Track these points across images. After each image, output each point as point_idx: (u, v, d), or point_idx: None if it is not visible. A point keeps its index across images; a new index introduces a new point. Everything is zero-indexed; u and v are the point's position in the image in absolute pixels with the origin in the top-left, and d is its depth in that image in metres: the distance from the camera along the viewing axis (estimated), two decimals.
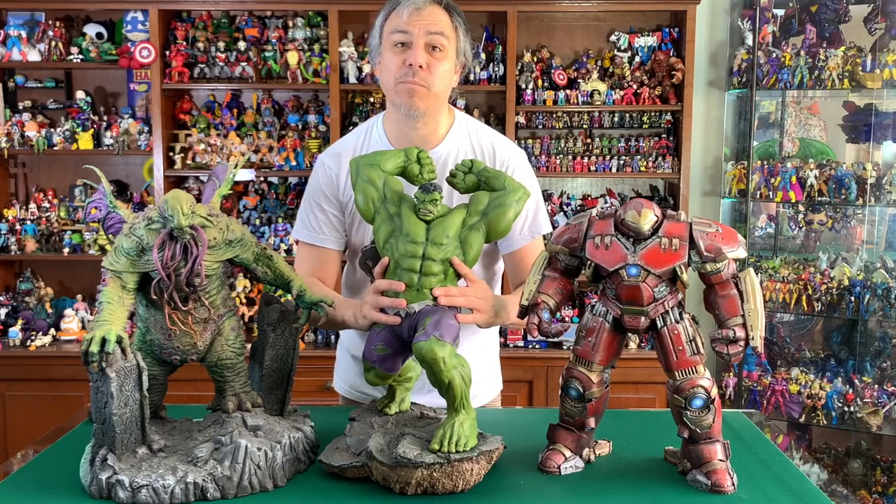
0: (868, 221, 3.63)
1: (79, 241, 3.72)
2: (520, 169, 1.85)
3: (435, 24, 1.73)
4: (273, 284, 1.48)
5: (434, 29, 1.73)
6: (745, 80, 3.63)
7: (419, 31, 1.72)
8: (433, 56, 1.73)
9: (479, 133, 1.88)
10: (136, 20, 3.65)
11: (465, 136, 1.86)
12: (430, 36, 1.72)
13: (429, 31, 1.72)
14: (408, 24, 1.72)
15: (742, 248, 1.37)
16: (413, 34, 1.72)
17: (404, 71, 1.73)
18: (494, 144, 1.87)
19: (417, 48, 1.71)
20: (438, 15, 1.74)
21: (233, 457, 1.30)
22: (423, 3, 1.73)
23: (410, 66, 1.71)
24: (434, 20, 1.73)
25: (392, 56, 1.75)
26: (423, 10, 1.73)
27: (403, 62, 1.72)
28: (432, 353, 1.29)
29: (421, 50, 1.72)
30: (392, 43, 1.75)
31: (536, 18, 3.82)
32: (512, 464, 1.43)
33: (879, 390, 3.43)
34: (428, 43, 1.73)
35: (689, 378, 1.36)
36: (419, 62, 1.71)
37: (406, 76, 1.72)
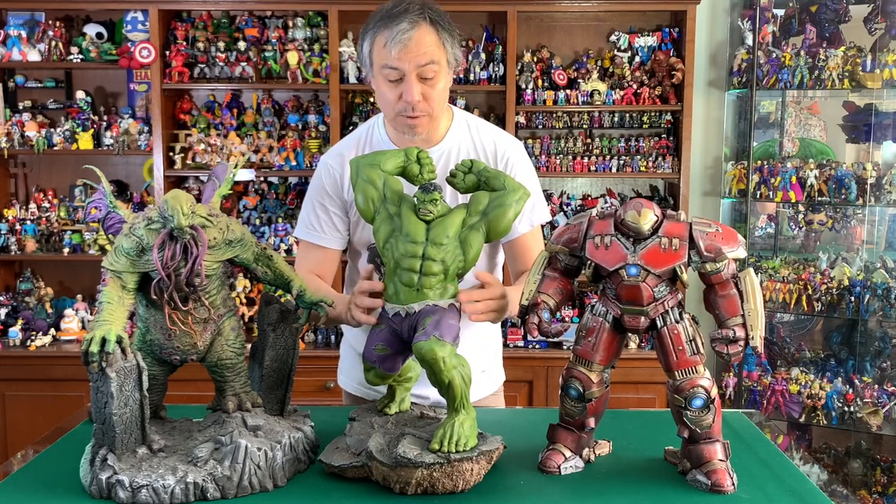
0: (868, 221, 3.63)
1: (79, 241, 3.72)
2: (520, 161, 1.88)
3: (423, 55, 1.69)
4: (273, 284, 1.48)
5: (423, 60, 1.69)
6: (745, 80, 3.63)
7: (410, 66, 1.69)
8: (427, 84, 1.72)
9: (478, 129, 1.90)
10: (136, 20, 3.65)
11: (466, 132, 1.89)
12: (421, 68, 1.70)
13: (419, 65, 1.69)
14: (397, 62, 1.69)
15: (742, 248, 1.37)
16: (404, 70, 1.69)
17: (402, 106, 1.72)
18: (494, 138, 1.89)
19: (411, 84, 1.69)
20: (424, 40, 1.69)
21: (233, 457, 1.30)
22: (409, 33, 1.67)
23: (408, 103, 1.71)
24: (422, 50, 1.69)
25: (386, 89, 1.73)
26: (410, 42, 1.68)
27: (399, 97, 1.72)
28: (432, 353, 1.29)
29: (415, 85, 1.70)
30: (384, 77, 1.73)
31: (536, 18, 3.82)
32: (512, 464, 1.43)
33: (879, 390, 3.43)
34: (419, 74, 1.70)
35: (689, 378, 1.36)
36: (416, 98, 1.70)
37: (405, 111, 1.73)
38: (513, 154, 1.88)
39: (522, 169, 1.87)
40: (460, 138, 1.87)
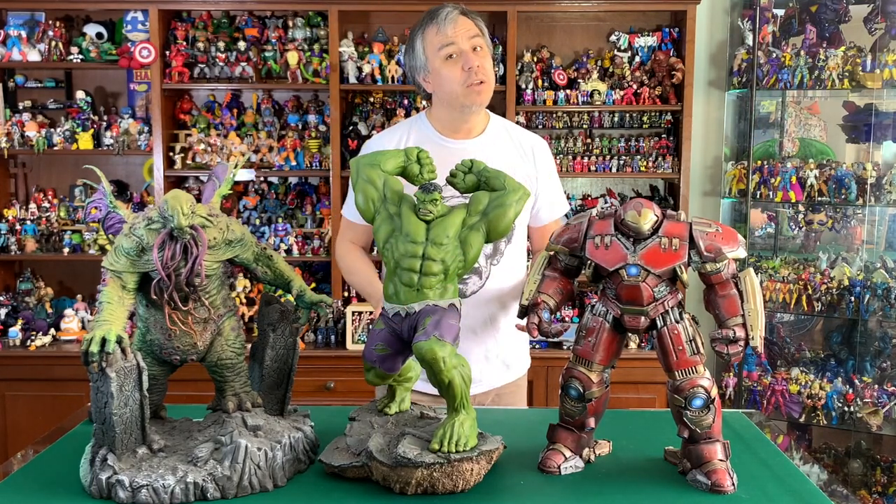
0: (868, 221, 3.63)
1: (79, 241, 3.72)
2: (547, 156, 2.16)
3: (472, 29, 2.01)
4: (273, 284, 1.48)
5: (473, 33, 2.01)
6: (745, 80, 3.63)
7: (463, 38, 1.98)
8: (479, 55, 2.00)
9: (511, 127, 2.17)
10: (136, 20, 3.64)
11: (502, 128, 2.13)
12: (472, 39, 1.99)
13: (470, 36, 1.99)
14: (452, 37, 1.97)
15: (742, 248, 1.37)
16: (459, 44, 1.98)
17: (466, 75, 1.97)
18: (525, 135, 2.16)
19: (468, 53, 1.98)
20: (468, 21, 2.02)
21: (233, 457, 1.30)
22: (456, 14, 1.99)
23: (471, 69, 1.96)
24: (469, 27, 2.01)
25: (448, 67, 1.99)
26: (458, 20, 1.99)
27: (462, 68, 1.97)
28: (432, 353, 1.29)
29: (471, 53, 1.98)
30: (443, 57, 1.99)
31: (536, 18, 3.82)
32: (512, 464, 1.43)
33: (879, 390, 3.43)
34: (472, 46, 1.99)
35: (689, 378, 1.36)
36: (475, 63, 1.97)
37: (470, 79, 1.97)
38: (542, 149, 2.14)
39: (549, 163, 2.15)
40: (498, 132, 2.11)
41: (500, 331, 2.08)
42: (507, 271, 2.06)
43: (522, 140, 2.13)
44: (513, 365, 2.16)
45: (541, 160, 2.12)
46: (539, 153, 2.13)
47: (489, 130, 2.11)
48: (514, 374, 2.17)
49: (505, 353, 2.12)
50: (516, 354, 2.17)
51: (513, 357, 2.15)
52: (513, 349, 2.14)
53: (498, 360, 2.11)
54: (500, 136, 2.11)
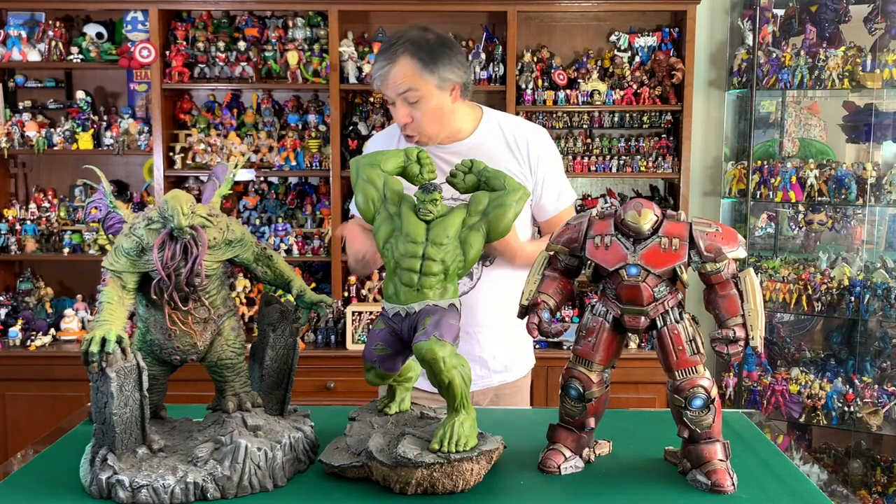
0: (868, 221, 3.63)
1: (79, 241, 3.72)
2: (545, 149, 2.07)
3: (400, 84, 1.91)
4: (273, 284, 1.48)
5: (401, 89, 1.91)
6: (745, 80, 3.63)
7: (391, 94, 1.94)
8: (413, 107, 1.93)
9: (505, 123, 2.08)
10: (136, 20, 3.64)
11: (495, 127, 2.06)
12: (402, 95, 1.92)
13: (398, 93, 1.92)
14: (383, 89, 1.95)
15: (742, 248, 1.37)
16: (390, 96, 1.95)
17: (400, 126, 1.99)
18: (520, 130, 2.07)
19: (398, 108, 1.94)
20: (399, 73, 1.90)
21: (233, 457, 1.30)
22: (385, 69, 1.91)
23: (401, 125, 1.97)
24: (398, 81, 1.91)
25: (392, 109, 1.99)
26: (387, 75, 1.91)
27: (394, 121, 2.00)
28: (432, 353, 1.29)
29: (401, 108, 1.94)
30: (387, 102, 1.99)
31: (536, 18, 3.82)
32: (512, 464, 1.43)
33: (879, 390, 3.43)
34: (403, 99, 1.93)
35: (689, 378, 1.36)
36: (403, 120, 1.95)
37: (403, 131, 1.99)
38: (536, 140, 2.05)
39: (547, 152, 2.07)
40: (491, 132, 2.05)
41: (492, 332, 2.06)
42: (500, 274, 2.03)
43: (516, 134, 2.05)
44: (510, 366, 2.14)
45: (535, 152, 2.04)
46: (533, 145, 2.04)
47: (479, 130, 2.06)
48: (513, 376, 2.15)
49: (500, 354, 2.10)
50: (514, 356, 2.14)
51: (509, 359, 2.13)
52: (508, 351, 2.12)
53: (495, 362, 2.09)
54: (490, 135, 2.05)
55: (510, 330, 2.08)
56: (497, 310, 2.04)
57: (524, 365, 2.20)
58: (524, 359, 2.21)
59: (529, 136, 2.05)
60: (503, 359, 2.11)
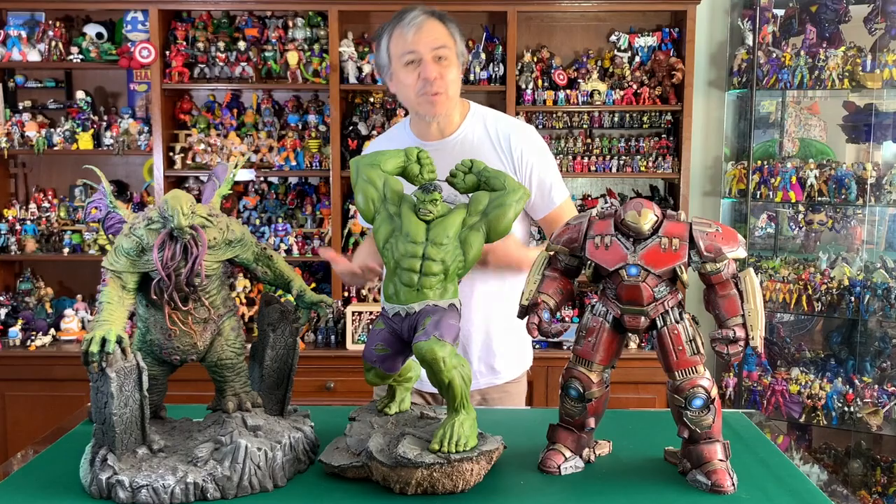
0: (868, 221, 3.63)
1: (79, 241, 3.72)
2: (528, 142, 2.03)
3: (436, 39, 1.94)
4: (273, 284, 1.48)
5: (437, 44, 1.93)
6: (745, 80, 3.63)
7: (424, 47, 1.92)
8: (441, 66, 1.94)
9: (492, 119, 2.07)
10: (136, 20, 3.64)
11: (480, 123, 2.06)
12: (435, 50, 1.93)
13: (433, 47, 1.93)
14: (413, 44, 1.92)
15: (742, 248, 1.37)
16: (420, 52, 1.92)
17: (421, 84, 1.94)
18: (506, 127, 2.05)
19: (427, 63, 1.92)
20: (437, 28, 1.95)
21: (233, 457, 1.30)
22: (422, 20, 1.93)
23: (426, 80, 1.92)
24: (434, 35, 1.94)
25: (406, 73, 1.95)
26: (423, 27, 1.93)
27: (418, 77, 1.94)
28: (432, 353, 1.29)
29: (430, 64, 1.92)
30: (403, 62, 1.95)
31: (536, 18, 3.82)
32: (512, 464, 1.43)
33: (879, 390, 3.43)
34: (434, 56, 1.93)
35: (689, 378, 1.36)
36: (432, 75, 1.92)
37: (424, 88, 1.94)
38: (520, 137, 2.03)
39: (533, 152, 2.03)
40: (474, 128, 2.05)
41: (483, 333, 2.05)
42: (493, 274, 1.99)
43: (499, 129, 2.03)
44: (501, 369, 2.11)
45: (519, 148, 2.01)
46: (516, 142, 2.01)
47: (463, 127, 2.04)
48: (502, 379, 2.12)
49: (488, 355, 2.07)
50: (506, 359, 2.11)
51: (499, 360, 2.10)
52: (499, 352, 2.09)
53: (481, 363, 2.07)
54: (473, 132, 2.04)
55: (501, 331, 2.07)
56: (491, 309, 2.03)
57: (515, 367, 2.16)
58: (516, 361, 2.16)
59: (513, 132, 2.03)
60: (492, 359, 2.08)
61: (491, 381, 2.10)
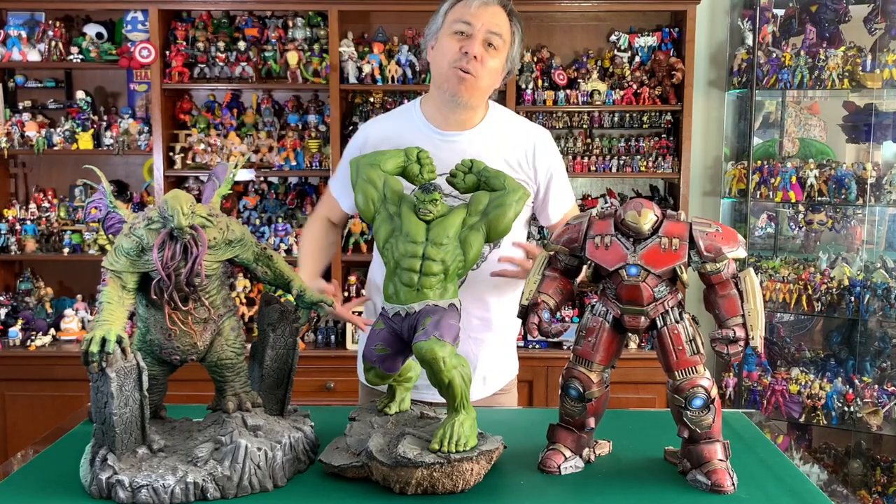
0: (868, 221, 3.63)
1: (79, 241, 3.72)
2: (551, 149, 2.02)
3: (496, 24, 1.86)
4: (273, 284, 1.48)
5: (494, 28, 1.86)
6: (745, 80, 3.63)
7: (481, 25, 1.84)
8: (487, 51, 1.86)
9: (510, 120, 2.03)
10: (136, 20, 3.64)
11: (501, 121, 1.99)
12: (490, 33, 1.85)
13: (489, 29, 1.85)
14: (472, 17, 1.85)
15: (742, 248, 1.37)
16: (475, 26, 1.84)
17: (459, 56, 1.85)
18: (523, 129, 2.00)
19: (476, 40, 1.84)
20: (501, 15, 1.88)
21: (233, 457, 1.30)
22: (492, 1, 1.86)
23: (466, 54, 1.83)
24: (496, 20, 1.86)
25: (450, 42, 1.87)
26: (490, 6, 1.86)
27: (460, 49, 1.85)
28: (432, 353, 1.29)
29: (479, 42, 1.84)
30: (453, 30, 1.87)
31: (536, 18, 3.82)
32: (512, 464, 1.43)
33: (879, 390, 3.43)
34: (486, 39, 1.85)
35: (689, 378, 1.36)
36: (475, 52, 1.83)
37: (459, 61, 1.85)
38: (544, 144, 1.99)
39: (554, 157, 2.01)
40: (494, 125, 1.97)
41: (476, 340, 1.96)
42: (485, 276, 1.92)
43: (522, 134, 1.98)
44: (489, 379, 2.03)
45: (542, 155, 1.97)
46: (540, 148, 1.97)
47: (485, 123, 1.96)
48: (490, 389, 2.04)
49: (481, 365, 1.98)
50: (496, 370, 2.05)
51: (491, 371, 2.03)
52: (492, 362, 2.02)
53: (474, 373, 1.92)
54: (495, 130, 1.96)
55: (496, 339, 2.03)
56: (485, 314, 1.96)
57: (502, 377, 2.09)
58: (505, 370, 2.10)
59: (536, 138, 1.98)
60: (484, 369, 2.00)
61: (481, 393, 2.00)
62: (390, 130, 1.97)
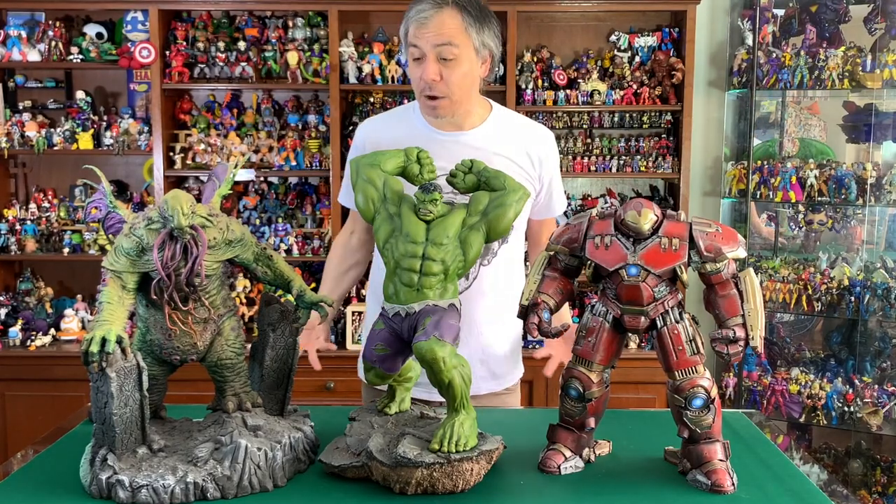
0: (868, 221, 3.63)
1: (79, 241, 3.72)
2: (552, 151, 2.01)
3: (441, 35, 1.77)
4: (273, 284, 1.48)
5: (440, 41, 1.78)
6: (745, 80, 3.63)
7: (427, 44, 1.78)
8: (446, 66, 1.80)
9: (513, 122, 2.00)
10: (136, 20, 3.64)
11: (504, 122, 1.97)
12: (438, 48, 1.78)
13: (435, 44, 1.78)
14: (416, 39, 1.80)
15: (742, 248, 1.37)
16: (423, 48, 1.79)
17: (423, 85, 1.82)
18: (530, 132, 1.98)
19: (429, 63, 1.79)
20: (444, 22, 1.78)
21: (233, 457, 1.30)
22: (429, 14, 1.78)
23: (425, 82, 1.80)
24: (439, 31, 1.77)
25: (413, 68, 1.85)
26: (429, 21, 1.77)
27: (420, 77, 1.81)
28: (432, 353, 1.29)
29: (432, 63, 1.79)
30: (411, 56, 1.84)
31: (536, 18, 3.82)
32: (512, 464, 1.43)
33: (879, 390, 3.43)
34: (437, 54, 1.79)
35: (689, 378, 1.36)
36: (431, 77, 1.79)
37: (425, 90, 1.83)
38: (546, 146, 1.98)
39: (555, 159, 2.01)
40: (497, 126, 1.95)
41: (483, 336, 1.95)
42: (495, 270, 1.93)
43: (525, 135, 1.96)
44: (500, 375, 2.03)
45: (545, 157, 1.97)
46: (543, 150, 1.96)
47: (487, 123, 1.95)
48: (501, 385, 2.03)
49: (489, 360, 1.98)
50: (505, 364, 2.03)
51: (500, 366, 2.02)
52: (500, 358, 2.01)
53: (482, 368, 1.95)
54: (497, 131, 1.94)
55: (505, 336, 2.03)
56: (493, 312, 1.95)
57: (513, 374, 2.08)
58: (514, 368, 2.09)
59: (539, 139, 1.98)
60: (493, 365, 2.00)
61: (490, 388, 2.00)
62: (390, 130, 1.96)
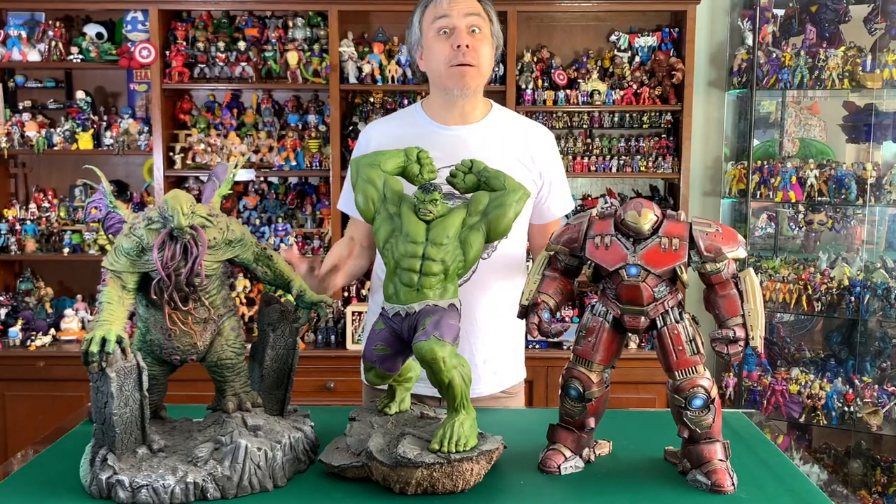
0: (868, 221, 3.63)
1: (79, 241, 3.72)
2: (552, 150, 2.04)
3: (472, 8, 1.90)
4: (273, 284, 1.48)
5: (472, 11, 1.89)
6: (745, 80, 3.63)
7: (459, 14, 1.88)
8: (475, 38, 1.89)
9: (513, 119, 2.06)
10: (136, 20, 3.64)
11: (504, 119, 2.02)
12: (469, 18, 1.89)
13: (467, 14, 1.89)
14: (448, 10, 1.88)
15: (742, 248, 1.37)
16: (454, 18, 1.88)
17: (453, 54, 1.88)
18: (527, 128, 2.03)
19: (461, 31, 1.88)
20: (471, 1, 1.91)
21: (233, 457, 1.30)
22: None
23: (458, 48, 1.87)
24: (470, 5, 1.90)
25: (438, 43, 1.90)
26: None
27: (451, 46, 1.88)
28: (432, 353, 1.29)
29: (465, 32, 1.88)
30: (436, 31, 1.90)
31: (536, 18, 3.82)
32: (512, 464, 1.43)
33: (879, 390, 3.43)
34: (468, 25, 1.88)
35: (689, 378, 1.36)
36: (465, 42, 1.87)
37: (456, 58, 1.88)
38: (546, 144, 2.02)
39: (555, 157, 2.04)
40: (497, 122, 2.00)
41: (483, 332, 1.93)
42: (497, 268, 1.92)
43: (525, 133, 2.00)
44: (502, 373, 2.01)
45: (544, 154, 2.00)
46: (543, 147, 2.00)
47: (487, 119, 1.99)
48: (503, 385, 2.01)
49: (491, 357, 1.97)
50: (506, 363, 2.02)
51: (502, 365, 2.00)
52: (502, 356, 2.00)
53: (484, 366, 1.95)
54: (498, 126, 1.98)
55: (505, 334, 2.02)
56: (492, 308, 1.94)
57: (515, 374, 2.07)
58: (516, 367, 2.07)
59: (539, 137, 2.01)
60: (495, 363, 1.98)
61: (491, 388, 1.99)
62: (393, 130, 1.98)
